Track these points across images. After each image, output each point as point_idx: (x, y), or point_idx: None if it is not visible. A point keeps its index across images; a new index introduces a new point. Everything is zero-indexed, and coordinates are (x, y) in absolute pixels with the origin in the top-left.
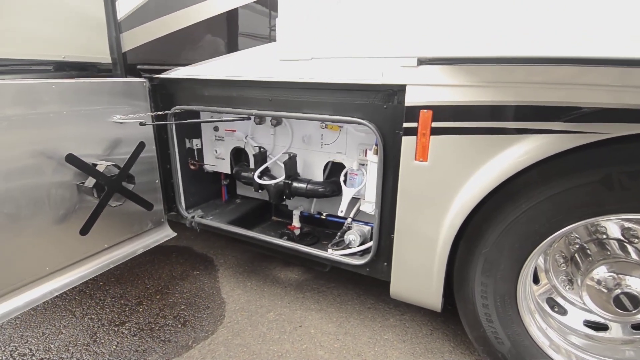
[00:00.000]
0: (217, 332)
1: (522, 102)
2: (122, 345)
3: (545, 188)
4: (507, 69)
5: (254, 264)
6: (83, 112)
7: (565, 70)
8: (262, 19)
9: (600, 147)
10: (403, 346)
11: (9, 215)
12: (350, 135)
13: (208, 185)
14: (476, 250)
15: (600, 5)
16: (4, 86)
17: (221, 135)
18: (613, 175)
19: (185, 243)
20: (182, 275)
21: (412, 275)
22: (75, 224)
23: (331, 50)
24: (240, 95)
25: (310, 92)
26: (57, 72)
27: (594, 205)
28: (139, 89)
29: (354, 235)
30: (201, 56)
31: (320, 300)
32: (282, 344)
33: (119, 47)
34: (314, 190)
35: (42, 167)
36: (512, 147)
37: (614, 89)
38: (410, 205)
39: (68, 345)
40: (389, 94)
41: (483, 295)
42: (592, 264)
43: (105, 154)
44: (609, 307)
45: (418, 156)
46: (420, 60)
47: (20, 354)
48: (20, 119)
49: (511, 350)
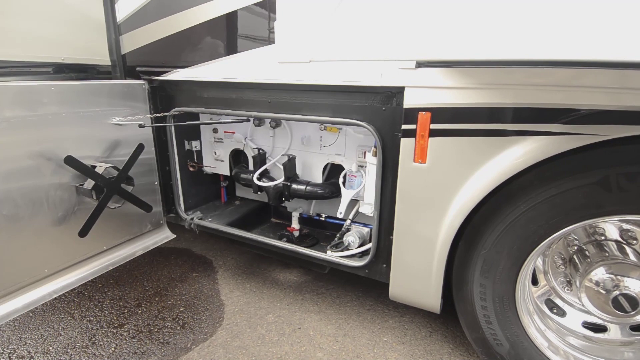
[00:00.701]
0: (216, 334)
1: (520, 104)
2: (120, 347)
3: (544, 190)
4: (506, 71)
5: (253, 266)
6: (82, 114)
7: (563, 72)
8: (261, 21)
9: (598, 148)
10: (402, 348)
11: (8, 216)
12: (349, 137)
13: (207, 187)
14: (475, 251)
15: (599, 8)
16: (3, 88)
17: (220, 137)
18: (611, 177)
19: (184, 245)
20: (181, 277)
21: (411, 277)
22: (74, 225)
23: (330, 53)
24: (240, 97)
25: (309, 94)
26: (57, 74)
27: (593, 207)
28: (138, 90)
29: (353, 237)
30: (200, 58)
31: (319, 302)
32: (281, 346)
33: (118, 49)
34: (313, 192)
35: (41, 168)
36: (510, 148)
37: (612, 91)
38: (409, 207)
39: (66, 347)
40: (387, 96)
41: (482, 296)
42: (590, 266)
43: (104, 156)
44: (608, 309)
45: (417, 158)
46: (418, 63)
47: (19, 356)
48: (20, 121)
49: (510, 351)
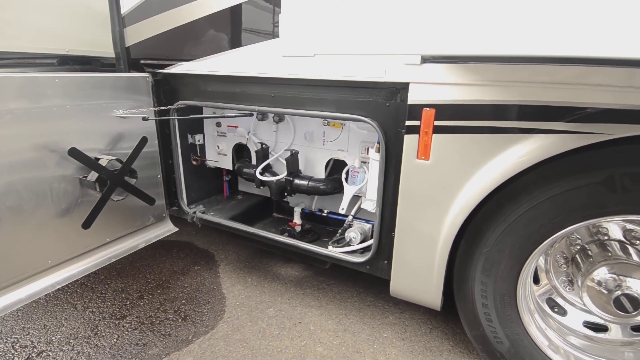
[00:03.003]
0: (217, 327)
1: (525, 101)
2: (122, 338)
3: (547, 188)
4: (511, 68)
5: (254, 260)
6: (86, 106)
7: (569, 70)
8: (265, 14)
9: (603, 148)
10: (402, 344)
11: (12, 208)
12: (353, 133)
13: (210, 181)
14: (477, 249)
15: (606, 5)
16: (7, 79)
17: (223, 131)
18: (616, 177)
19: (186, 238)
20: (183, 270)
21: (412, 274)
22: (78, 217)
23: (334, 47)
24: (243, 92)
25: (313, 89)
26: (61, 66)
27: (596, 206)
28: (142, 83)
29: (354, 233)
30: (204, 51)
31: (320, 297)
32: (281, 340)
33: (122, 42)
34: (316, 188)
35: (45, 160)
36: (514, 146)
37: (618, 89)
38: (412, 204)
39: (69, 337)
40: (392, 91)
41: (483, 294)
42: (593, 265)
43: (108, 148)
44: (609, 309)
45: (420, 154)
46: (423, 58)
47: (22, 345)
48: (24, 113)
49: (510, 349)
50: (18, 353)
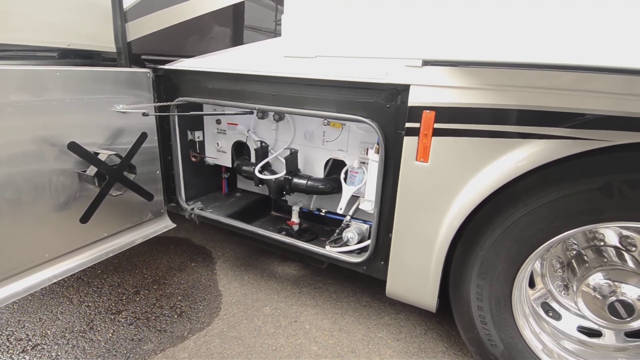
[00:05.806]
0: (213, 324)
1: (525, 106)
2: (118, 333)
3: (545, 193)
4: (512, 73)
5: (251, 258)
6: (86, 100)
7: (569, 76)
8: (268, 13)
9: (601, 154)
10: (397, 345)
11: (10, 201)
12: (352, 133)
13: (208, 178)
14: (473, 252)
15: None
16: (8, 72)
17: (223, 128)
18: (613, 183)
19: (184, 235)
20: (180, 266)
21: (409, 275)
22: (76, 211)
23: (336, 49)
24: (244, 89)
25: (313, 89)
26: (62, 60)
27: (593, 212)
28: (143, 79)
29: (352, 233)
30: (206, 48)
31: (316, 297)
32: (276, 338)
33: (124, 37)
34: (314, 187)
35: (44, 154)
36: (513, 151)
37: (617, 96)
38: (410, 205)
39: (64, 331)
40: (392, 93)
41: (478, 297)
42: (588, 271)
43: (107, 143)
44: (604, 314)
45: (419, 157)
46: (425, 61)
47: (17, 338)
48: (24, 105)
49: (504, 353)
50: (13, 346)
